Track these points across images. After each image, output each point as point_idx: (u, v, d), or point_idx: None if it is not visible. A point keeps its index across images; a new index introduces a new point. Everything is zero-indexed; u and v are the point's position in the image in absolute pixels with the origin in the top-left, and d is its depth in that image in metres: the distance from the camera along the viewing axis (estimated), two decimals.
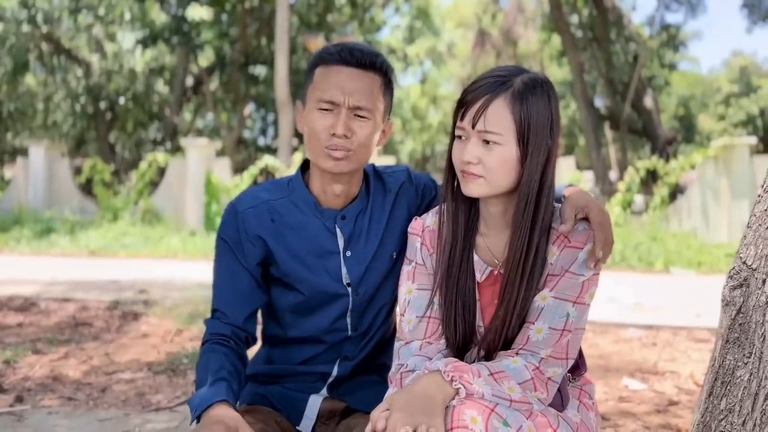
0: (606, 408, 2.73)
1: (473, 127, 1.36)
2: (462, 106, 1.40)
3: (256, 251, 1.60)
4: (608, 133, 26.20)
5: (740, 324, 1.47)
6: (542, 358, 1.37)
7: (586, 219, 1.43)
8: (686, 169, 11.20)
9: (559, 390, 1.45)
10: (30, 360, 3.45)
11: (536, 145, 1.37)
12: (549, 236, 1.42)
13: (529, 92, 1.36)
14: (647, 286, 6.80)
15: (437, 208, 1.54)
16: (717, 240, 10.25)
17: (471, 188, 1.40)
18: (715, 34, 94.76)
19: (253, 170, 12.28)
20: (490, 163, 1.36)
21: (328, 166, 1.54)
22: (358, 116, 1.53)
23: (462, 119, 1.39)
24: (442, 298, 1.49)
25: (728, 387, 1.48)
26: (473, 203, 1.51)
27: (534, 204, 1.39)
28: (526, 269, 1.40)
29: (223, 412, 1.39)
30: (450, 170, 1.48)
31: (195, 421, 1.43)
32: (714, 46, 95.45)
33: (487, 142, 1.36)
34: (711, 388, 1.53)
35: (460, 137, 1.41)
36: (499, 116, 1.35)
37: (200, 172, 12.41)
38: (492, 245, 1.49)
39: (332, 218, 1.61)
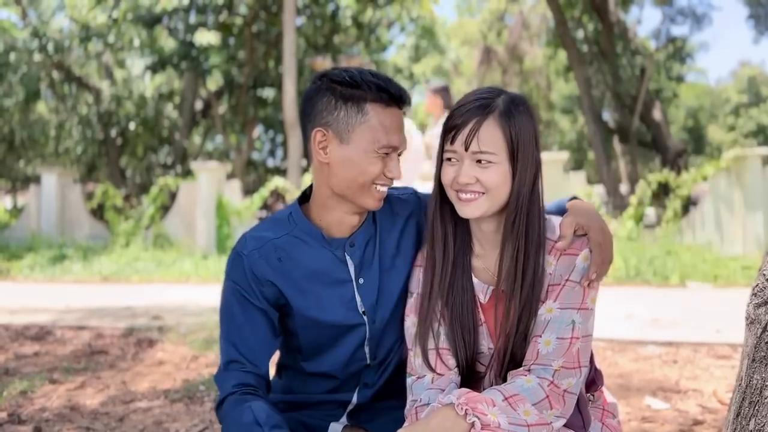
0: (629, 429, 2.69)
1: (466, 150, 1.40)
2: (451, 129, 1.43)
3: (267, 294, 1.56)
4: (617, 146, 26.14)
5: (766, 342, 1.45)
6: (555, 370, 1.35)
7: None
8: (698, 181, 11.11)
9: (579, 411, 1.43)
10: (47, 390, 3.44)
11: (526, 160, 1.40)
12: (545, 247, 1.43)
13: (513, 110, 1.41)
14: (664, 301, 6.72)
15: None
16: (732, 252, 10.14)
17: (470, 209, 1.42)
18: (721, 46, 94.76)
19: (263, 192, 12.30)
20: (488, 181, 1.39)
21: (372, 206, 1.54)
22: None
23: (452, 143, 1.42)
24: (445, 327, 1.48)
25: (756, 407, 1.45)
26: (465, 225, 1.51)
27: (526, 216, 1.41)
28: (524, 281, 1.40)
29: None
30: (440, 194, 1.50)
31: None
32: (721, 57, 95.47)
33: (479, 161, 1.39)
34: (738, 408, 1.50)
35: (450, 159, 1.44)
36: (491, 136, 1.39)
37: (211, 195, 12.46)
38: (489, 264, 1.50)
39: (341, 247, 1.59)
